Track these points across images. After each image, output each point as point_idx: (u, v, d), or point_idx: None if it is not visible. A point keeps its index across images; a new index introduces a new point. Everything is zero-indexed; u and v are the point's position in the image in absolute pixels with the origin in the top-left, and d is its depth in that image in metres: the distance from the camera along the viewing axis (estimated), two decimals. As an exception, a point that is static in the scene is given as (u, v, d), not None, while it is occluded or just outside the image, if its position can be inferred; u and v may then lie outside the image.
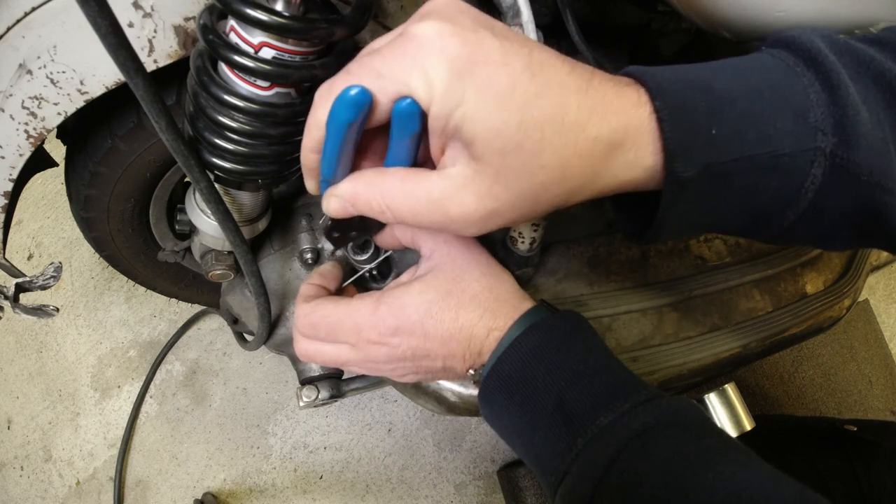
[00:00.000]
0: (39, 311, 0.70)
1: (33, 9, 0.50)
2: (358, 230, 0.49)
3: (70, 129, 0.73)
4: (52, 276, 0.70)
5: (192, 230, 0.77)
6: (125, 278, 0.99)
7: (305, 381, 0.78)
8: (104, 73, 0.53)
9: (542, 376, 0.47)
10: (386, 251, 0.63)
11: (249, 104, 0.48)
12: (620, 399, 0.45)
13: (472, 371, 0.52)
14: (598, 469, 0.42)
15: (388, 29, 0.60)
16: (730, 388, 0.79)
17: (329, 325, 0.52)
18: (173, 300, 1.38)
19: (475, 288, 0.52)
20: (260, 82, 0.49)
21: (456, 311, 0.51)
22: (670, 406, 0.45)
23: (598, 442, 0.43)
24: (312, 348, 0.54)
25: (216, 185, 0.52)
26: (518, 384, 0.48)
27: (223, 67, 0.49)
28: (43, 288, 0.70)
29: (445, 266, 0.52)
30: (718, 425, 0.78)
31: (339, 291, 0.60)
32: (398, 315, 0.50)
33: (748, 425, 0.78)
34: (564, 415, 0.45)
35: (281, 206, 0.78)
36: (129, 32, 0.39)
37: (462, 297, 0.51)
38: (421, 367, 0.53)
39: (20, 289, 0.69)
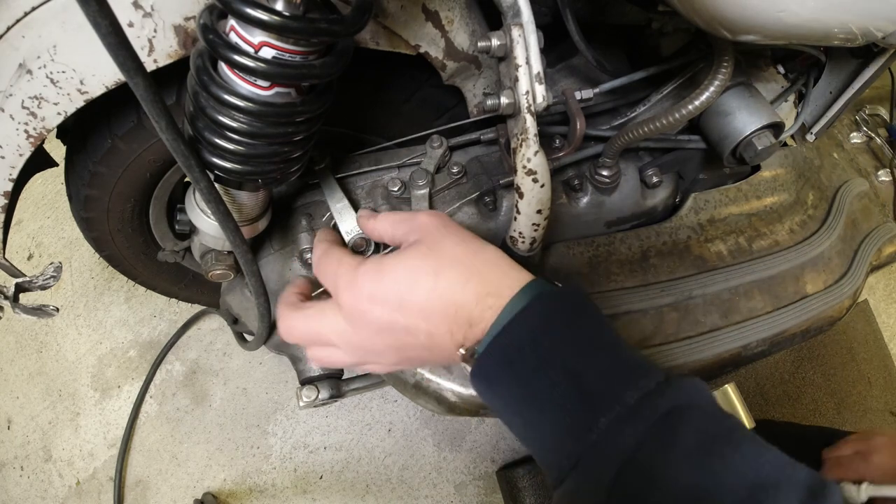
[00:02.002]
0: (39, 311, 0.70)
1: (33, 8, 0.50)
2: None
3: (70, 129, 0.73)
4: (52, 276, 0.70)
5: (192, 230, 0.77)
6: (125, 278, 0.99)
7: (305, 381, 0.78)
8: (104, 73, 0.53)
9: (556, 349, 0.44)
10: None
11: (249, 104, 0.48)
12: (643, 377, 0.43)
13: (462, 350, 0.47)
14: (624, 451, 0.40)
15: (388, 29, 0.60)
16: (730, 388, 0.79)
17: (309, 331, 0.51)
18: (173, 300, 1.38)
19: (456, 251, 0.48)
20: (260, 82, 0.49)
21: (434, 276, 0.46)
22: (691, 386, 0.44)
23: (625, 421, 0.41)
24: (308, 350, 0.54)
25: (216, 185, 0.52)
26: (525, 358, 0.44)
27: (223, 67, 0.49)
28: (43, 288, 0.70)
29: (424, 237, 0.50)
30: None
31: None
32: (374, 280, 0.47)
33: (748, 425, 0.78)
34: (582, 391, 0.42)
35: (281, 206, 0.78)
36: (129, 32, 0.39)
37: (441, 260, 0.47)
38: (404, 346, 0.49)
39: (20, 289, 0.69)
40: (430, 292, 0.46)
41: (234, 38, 0.46)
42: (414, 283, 0.46)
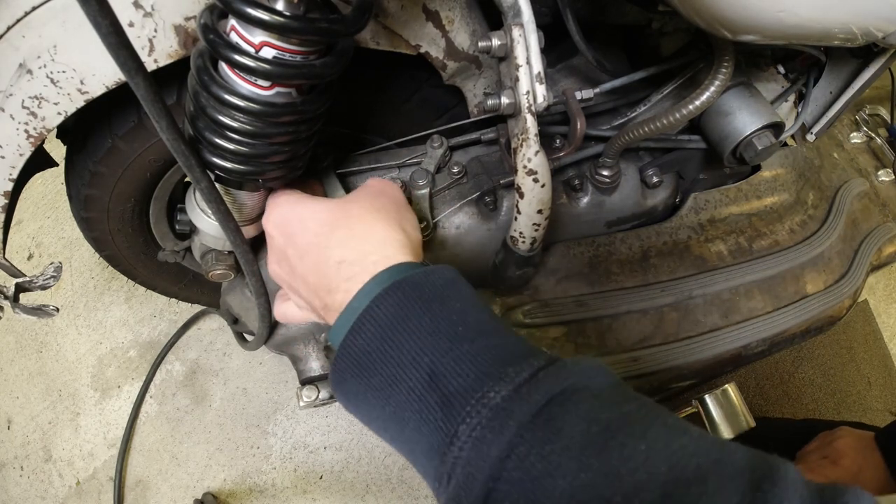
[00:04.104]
0: (39, 311, 0.70)
1: (34, 8, 0.50)
2: None
3: (70, 129, 0.73)
4: (52, 276, 0.70)
5: (192, 230, 0.77)
6: (125, 278, 0.98)
7: (305, 381, 0.78)
8: (104, 73, 0.53)
9: (408, 346, 0.37)
10: None
11: (250, 104, 0.48)
12: (514, 364, 0.35)
13: (324, 335, 0.46)
14: (489, 465, 0.32)
15: (388, 28, 0.60)
16: (730, 388, 0.79)
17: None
18: (173, 300, 1.37)
19: (360, 211, 0.46)
20: (261, 82, 0.49)
21: (321, 225, 0.45)
22: (577, 369, 0.36)
23: (489, 427, 0.33)
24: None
25: (217, 185, 0.52)
26: (376, 362, 0.38)
27: (224, 67, 0.49)
28: (43, 288, 0.70)
29: (359, 191, 0.51)
30: (718, 425, 0.78)
31: None
32: (285, 209, 0.49)
33: (748, 425, 0.78)
34: (440, 394, 0.35)
35: (281, 206, 0.77)
36: (129, 32, 0.39)
37: (340, 213, 0.45)
38: (295, 286, 0.49)
39: (20, 289, 0.69)
40: (312, 238, 0.46)
41: (234, 37, 0.46)
42: (306, 226, 0.47)
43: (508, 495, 0.31)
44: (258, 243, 0.77)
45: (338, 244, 0.44)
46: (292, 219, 0.49)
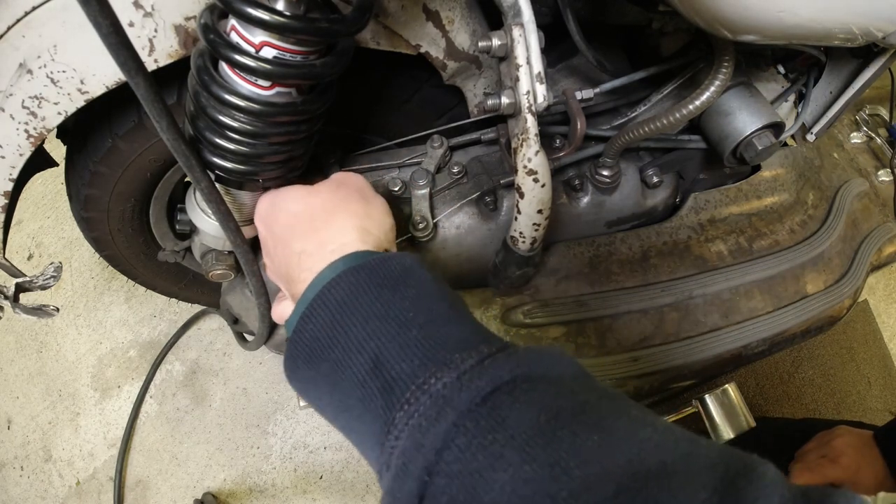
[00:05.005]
0: (39, 311, 0.70)
1: (34, 8, 0.50)
2: None
3: (70, 129, 0.73)
4: (52, 276, 0.70)
5: (192, 230, 0.77)
6: (125, 278, 0.98)
7: (306, 381, 0.78)
8: (104, 73, 0.53)
9: (355, 331, 0.36)
10: None
11: (250, 103, 0.48)
12: (461, 351, 0.33)
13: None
14: (424, 456, 0.29)
15: (388, 28, 0.60)
16: (730, 388, 0.79)
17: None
18: (173, 300, 1.38)
19: (325, 205, 0.46)
20: (261, 82, 0.49)
21: (292, 216, 0.46)
22: (531, 356, 0.33)
23: (426, 415, 0.31)
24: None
25: (217, 185, 0.52)
26: (325, 348, 0.36)
27: (224, 67, 0.49)
28: (43, 288, 0.70)
29: (333, 180, 0.52)
30: (718, 425, 0.78)
31: None
32: (271, 200, 0.51)
33: (748, 425, 0.78)
34: (383, 380, 0.33)
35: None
36: (129, 32, 0.39)
37: (308, 210, 0.46)
38: (279, 277, 0.50)
39: (20, 289, 0.69)
40: (283, 230, 0.47)
41: (234, 37, 0.46)
42: (279, 216, 0.48)
43: (446, 490, 0.28)
44: (258, 243, 0.77)
45: (300, 236, 0.45)
46: (271, 210, 0.51)
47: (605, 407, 0.30)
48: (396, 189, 0.75)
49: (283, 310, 0.56)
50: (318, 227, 0.45)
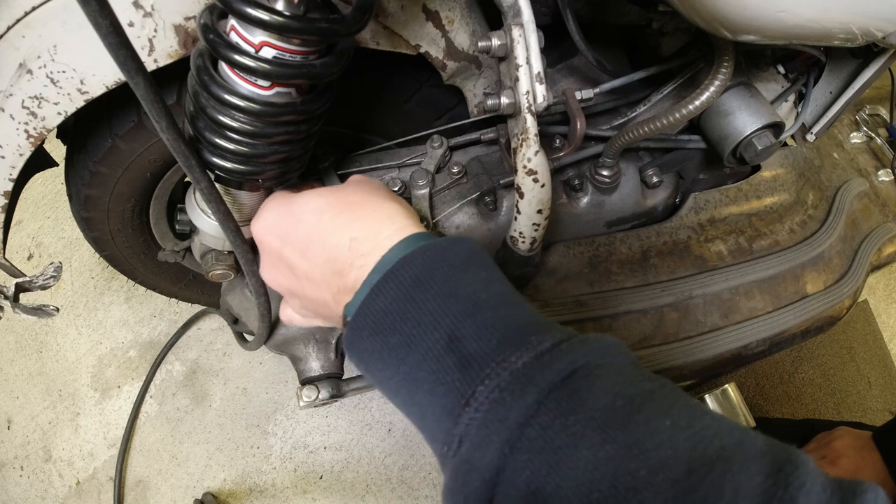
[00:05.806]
0: (39, 311, 0.70)
1: (34, 8, 0.50)
2: None
3: (70, 129, 0.73)
4: (52, 276, 0.70)
5: (192, 230, 0.77)
6: (125, 278, 0.98)
7: (305, 381, 0.78)
8: (104, 73, 0.53)
9: (430, 307, 0.36)
10: None
11: (250, 103, 0.48)
12: (537, 334, 0.35)
13: (341, 310, 0.44)
14: (508, 429, 0.31)
15: (388, 28, 0.60)
16: (730, 388, 0.79)
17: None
18: (173, 300, 1.38)
19: (353, 197, 0.45)
20: (261, 82, 0.49)
21: (319, 214, 0.44)
22: (598, 345, 0.35)
23: (509, 390, 0.32)
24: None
25: (217, 185, 0.52)
26: (396, 321, 0.37)
27: (224, 67, 0.49)
28: (43, 288, 0.70)
29: (343, 184, 0.51)
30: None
31: None
32: (276, 211, 0.48)
33: (748, 425, 0.78)
34: (459, 356, 0.34)
35: (281, 206, 0.77)
36: (129, 32, 0.39)
37: (333, 200, 0.45)
38: (294, 289, 0.48)
39: (20, 289, 0.69)
40: (311, 229, 0.45)
41: (234, 37, 0.46)
42: (301, 218, 0.46)
43: (528, 465, 0.30)
44: (258, 243, 0.77)
45: (344, 226, 0.44)
46: (285, 218, 0.47)
47: (668, 396, 0.33)
48: (396, 189, 0.75)
49: (293, 312, 0.55)
50: (361, 216, 0.44)
